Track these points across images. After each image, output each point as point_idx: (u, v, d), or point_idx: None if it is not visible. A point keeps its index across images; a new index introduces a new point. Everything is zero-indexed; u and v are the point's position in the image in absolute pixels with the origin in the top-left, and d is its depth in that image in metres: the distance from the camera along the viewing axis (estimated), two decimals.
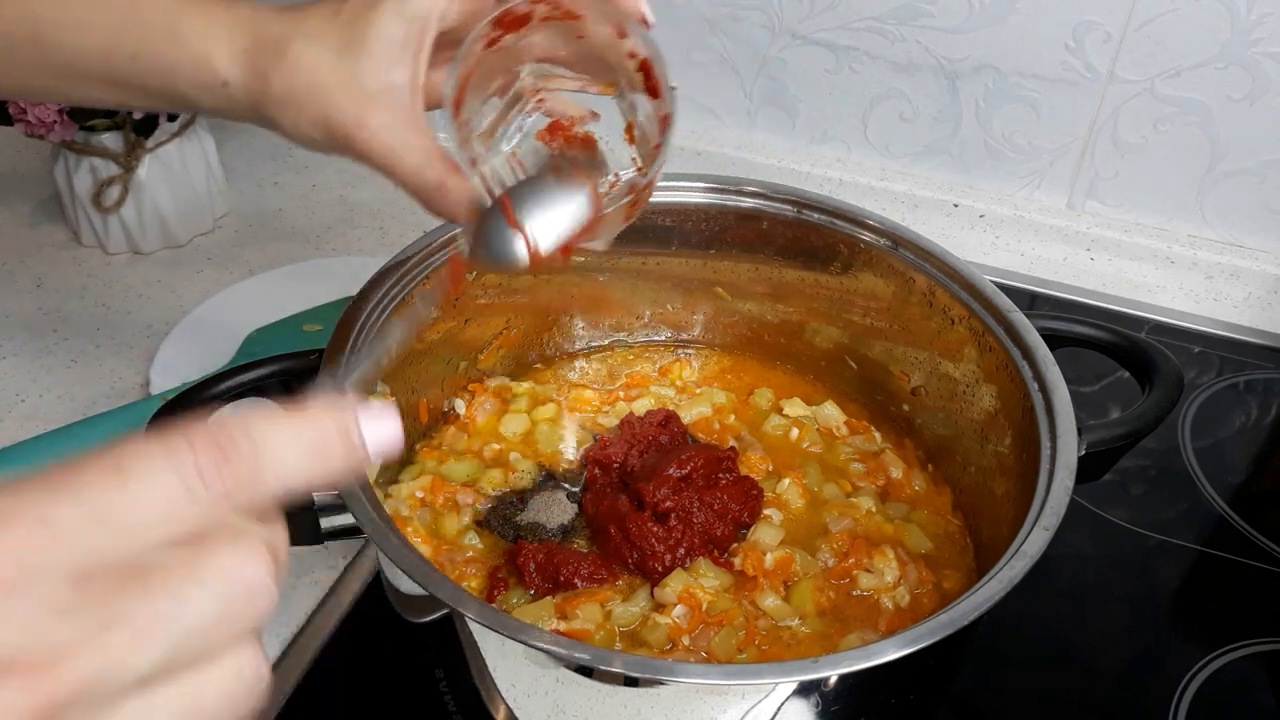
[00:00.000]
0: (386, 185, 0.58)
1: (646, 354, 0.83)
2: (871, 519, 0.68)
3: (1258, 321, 0.97)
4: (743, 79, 1.07)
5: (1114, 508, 0.77)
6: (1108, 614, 0.71)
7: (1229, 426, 0.86)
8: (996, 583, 0.50)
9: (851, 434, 0.76)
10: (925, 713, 0.63)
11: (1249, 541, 0.76)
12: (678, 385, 0.80)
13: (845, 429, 0.76)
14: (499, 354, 0.78)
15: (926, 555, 0.67)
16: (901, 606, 0.63)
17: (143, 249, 0.99)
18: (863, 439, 0.76)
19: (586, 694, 0.49)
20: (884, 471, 0.72)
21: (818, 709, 0.50)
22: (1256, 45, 0.89)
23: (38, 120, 0.85)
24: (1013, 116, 1.00)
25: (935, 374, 0.72)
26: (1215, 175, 0.97)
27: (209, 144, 1.00)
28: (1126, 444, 0.62)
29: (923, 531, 0.68)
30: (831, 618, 0.63)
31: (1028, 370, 0.63)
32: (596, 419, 0.76)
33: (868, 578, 0.64)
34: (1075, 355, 0.69)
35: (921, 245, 0.71)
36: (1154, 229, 1.01)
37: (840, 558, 0.65)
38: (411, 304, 0.65)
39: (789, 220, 0.75)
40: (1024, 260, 1.03)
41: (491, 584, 0.63)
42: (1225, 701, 0.65)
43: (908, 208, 1.05)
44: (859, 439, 0.75)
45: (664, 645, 0.60)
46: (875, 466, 0.73)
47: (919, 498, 0.71)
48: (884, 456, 0.74)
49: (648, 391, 0.79)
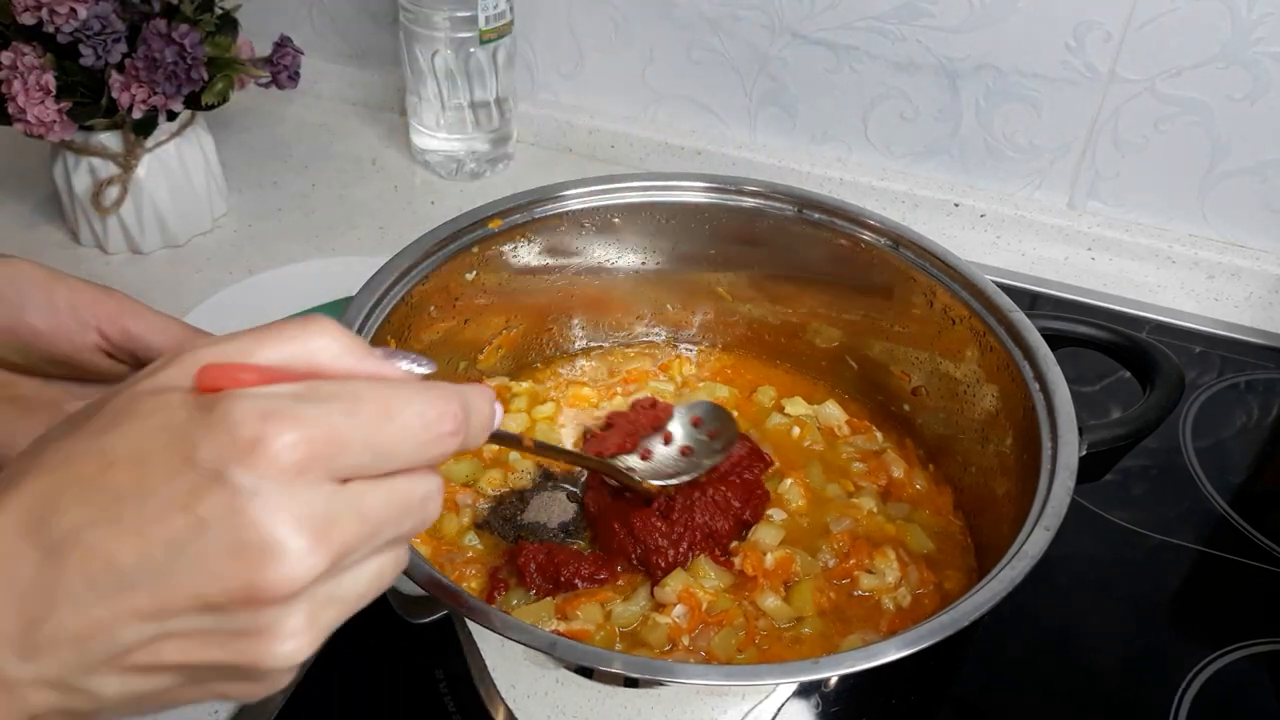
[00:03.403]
0: (386, 185, 0.58)
1: (647, 353, 0.83)
2: (873, 519, 0.68)
3: (1259, 321, 0.97)
4: (743, 79, 1.07)
5: (1115, 508, 0.77)
6: (1108, 614, 0.71)
7: (1230, 426, 0.86)
8: (997, 583, 0.50)
9: (853, 433, 0.76)
10: (926, 713, 0.63)
11: (1250, 542, 0.76)
12: (677, 381, 0.80)
13: (847, 428, 0.76)
14: (499, 354, 0.78)
15: (928, 556, 0.67)
16: (903, 607, 0.63)
17: (142, 249, 0.99)
18: (864, 438, 0.75)
19: (586, 694, 0.49)
20: (885, 471, 0.72)
21: (818, 710, 0.50)
22: (1257, 45, 0.89)
23: (37, 120, 0.85)
24: (1013, 116, 1.00)
25: (936, 374, 0.72)
26: (1216, 175, 0.97)
27: (208, 143, 1.00)
28: (1127, 444, 0.62)
29: (924, 532, 0.68)
30: (832, 618, 0.63)
31: (1029, 370, 0.63)
32: (595, 414, 0.76)
33: (869, 578, 0.64)
34: (1076, 355, 0.69)
35: (922, 245, 0.71)
36: (1155, 228, 1.01)
37: (841, 558, 0.65)
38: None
39: (789, 220, 0.75)
40: (1025, 260, 1.03)
41: (492, 584, 0.63)
42: (1226, 702, 0.65)
43: (908, 207, 1.05)
44: (860, 438, 0.75)
45: (664, 645, 0.60)
46: (877, 466, 0.73)
47: (920, 497, 0.71)
48: (885, 456, 0.73)
49: (646, 387, 0.79)
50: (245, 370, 0.33)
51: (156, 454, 0.32)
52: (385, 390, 0.34)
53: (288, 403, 0.32)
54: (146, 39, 0.85)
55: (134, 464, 0.32)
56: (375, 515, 0.34)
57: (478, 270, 0.72)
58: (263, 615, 0.32)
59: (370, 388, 0.34)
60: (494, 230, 0.72)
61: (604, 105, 1.15)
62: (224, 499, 0.31)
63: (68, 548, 0.31)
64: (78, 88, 0.87)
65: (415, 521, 0.36)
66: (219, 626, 0.32)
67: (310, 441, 0.32)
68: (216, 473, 0.31)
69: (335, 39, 1.21)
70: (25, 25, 0.83)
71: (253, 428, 0.31)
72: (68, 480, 0.32)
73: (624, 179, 0.76)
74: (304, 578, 0.32)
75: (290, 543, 0.31)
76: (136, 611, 0.31)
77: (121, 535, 0.31)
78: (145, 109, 0.88)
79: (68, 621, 0.31)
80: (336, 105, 1.23)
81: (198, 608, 0.32)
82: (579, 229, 0.75)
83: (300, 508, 0.32)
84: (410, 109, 1.10)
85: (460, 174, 1.10)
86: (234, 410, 0.31)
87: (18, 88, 0.84)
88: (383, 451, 0.34)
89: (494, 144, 1.10)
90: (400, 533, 0.35)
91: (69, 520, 0.31)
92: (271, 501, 0.31)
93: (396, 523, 0.35)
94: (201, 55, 0.87)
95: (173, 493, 0.31)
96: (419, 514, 0.36)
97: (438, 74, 1.03)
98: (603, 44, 1.10)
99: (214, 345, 0.34)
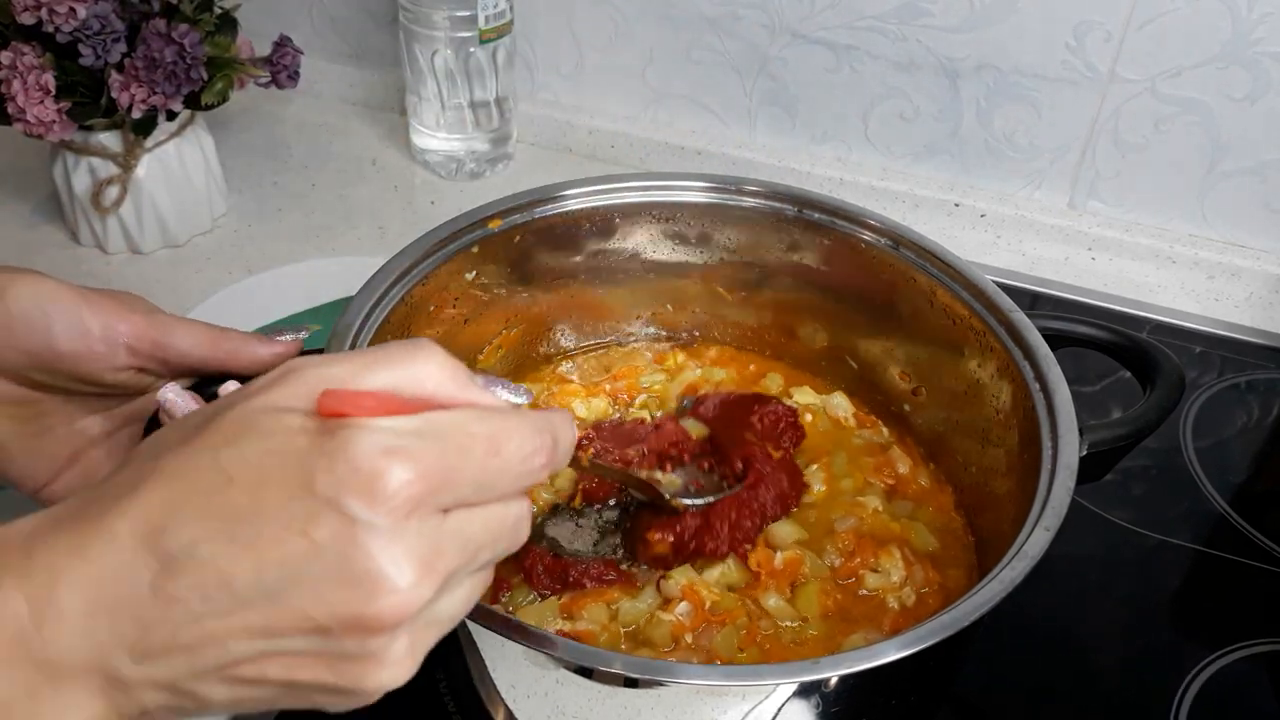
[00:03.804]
0: (386, 185, 0.58)
1: (647, 351, 0.83)
2: (878, 518, 0.68)
3: (1259, 321, 0.97)
4: (743, 78, 1.07)
5: (1115, 508, 0.77)
6: (1109, 614, 0.71)
7: (1230, 427, 0.86)
8: (997, 584, 0.50)
9: (860, 426, 0.76)
10: (926, 713, 0.63)
11: (1250, 542, 0.76)
12: (670, 369, 0.80)
13: (854, 420, 0.76)
14: (499, 354, 0.78)
15: (932, 554, 0.67)
16: (907, 606, 0.63)
17: (142, 249, 0.99)
18: (871, 432, 0.76)
19: (586, 695, 0.49)
20: (892, 467, 0.72)
21: (818, 710, 0.50)
22: (1257, 45, 0.89)
23: (36, 120, 0.85)
24: (1013, 116, 1.00)
25: (936, 374, 0.72)
26: (1216, 175, 0.97)
27: (208, 143, 1.00)
28: (1128, 444, 0.61)
29: (928, 529, 0.68)
30: (836, 619, 0.63)
31: (1029, 370, 0.63)
32: (580, 407, 0.76)
33: (874, 578, 0.64)
34: (1076, 355, 0.69)
35: (922, 245, 0.70)
36: (1155, 228, 1.01)
37: (847, 557, 0.65)
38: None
39: (789, 220, 0.75)
40: (1025, 260, 1.03)
41: (496, 584, 0.63)
42: (1227, 702, 0.65)
43: (908, 207, 1.05)
44: (868, 431, 0.76)
45: (667, 644, 0.60)
46: (883, 461, 0.73)
47: (923, 494, 0.71)
48: (891, 451, 0.74)
49: (639, 385, 0.78)
50: (365, 397, 0.34)
51: (276, 476, 0.33)
52: (492, 425, 0.36)
53: (407, 439, 0.33)
54: (146, 39, 0.85)
55: (253, 484, 0.33)
56: (475, 542, 0.36)
57: (478, 270, 0.72)
58: (370, 643, 0.33)
59: (479, 421, 0.36)
60: (494, 230, 0.72)
61: (604, 105, 1.14)
62: (340, 528, 0.32)
63: (185, 561, 0.32)
64: (77, 87, 0.87)
65: (508, 544, 0.38)
66: (325, 649, 0.33)
67: (425, 478, 0.33)
68: (334, 501, 0.32)
69: (335, 39, 1.21)
70: (25, 25, 0.83)
71: (372, 462, 0.32)
72: (188, 493, 0.33)
73: (624, 179, 0.76)
74: (411, 609, 0.33)
75: (401, 576, 0.33)
76: (247, 628, 0.33)
77: (238, 554, 0.32)
78: (145, 109, 0.88)
79: (181, 632, 0.33)
80: (336, 105, 1.23)
81: (307, 630, 0.33)
82: (579, 229, 0.75)
83: (411, 541, 0.33)
84: (410, 109, 1.10)
85: (460, 174, 1.10)
86: (356, 442, 0.33)
87: (17, 87, 0.84)
88: (486, 484, 0.36)
89: (494, 144, 1.10)
90: (494, 556, 0.37)
91: (188, 534, 0.33)
92: (385, 535, 0.32)
93: (492, 547, 0.37)
94: (201, 55, 0.87)
95: (290, 517, 0.32)
96: (511, 537, 0.38)
97: (438, 74, 1.03)
98: (603, 44, 1.10)
99: (327, 366, 0.35)
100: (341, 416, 0.34)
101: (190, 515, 0.33)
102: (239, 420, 0.34)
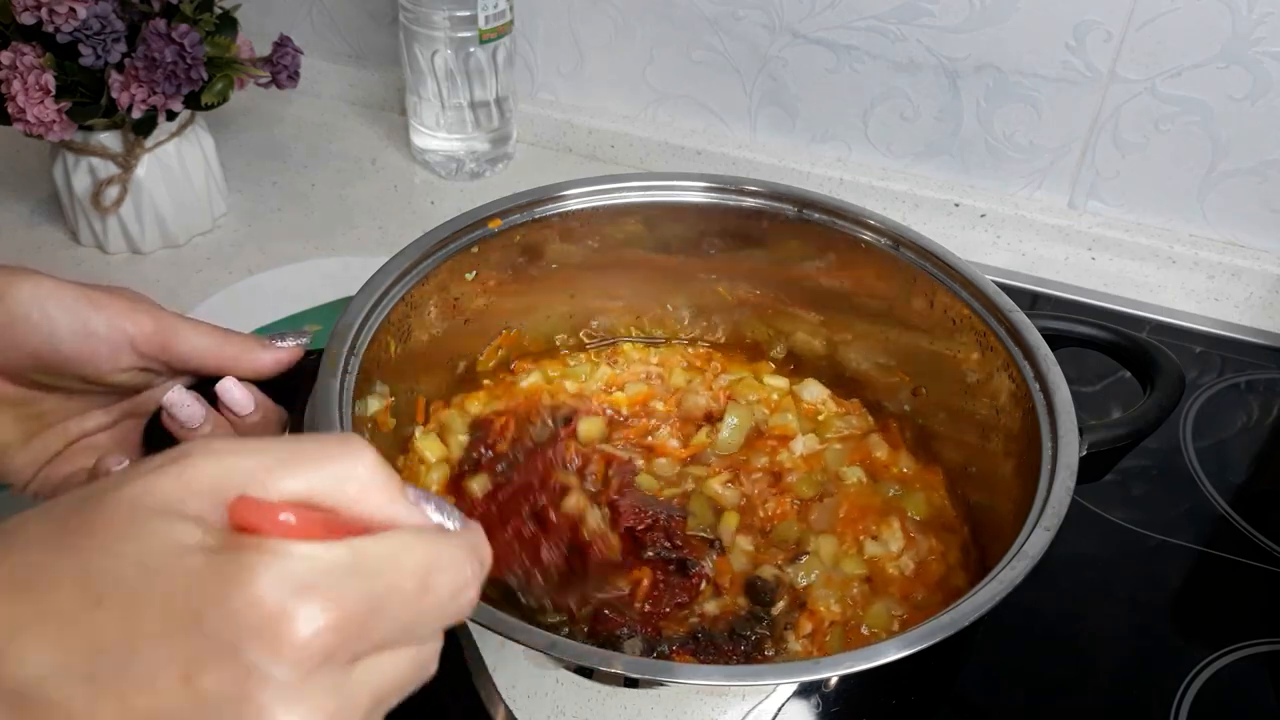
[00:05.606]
0: (386, 185, 0.58)
1: (646, 351, 0.83)
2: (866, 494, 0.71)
3: (1259, 321, 0.97)
4: (743, 78, 1.07)
5: (1115, 508, 0.77)
6: (1109, 614, 0.71)
7: (1230, 427, 0.86)
8: (997, 584, 0.50)
9: (837, 416, 0.77)
10: (926, 713, 0.63)
11: (1250, 542, 0.76)
12: (666, 370, 0.80)
13: (832, 404, 0.77)
14: (499, 354, 0.78)
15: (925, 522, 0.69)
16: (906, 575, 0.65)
17: (142, 249, 0.99)
18: (856, 419, 0.77)
19: (586, 694, 0.49)
20: (870, 456, 0.74)
21: (818, 710, 0.50)
22: (1258, 45, 0.89)
23: (36, 120, 0.85)
24: (1014, 116, 1.00)
25: (936, 374, 0.72)
26: (1216, 175, 0.97)
27: (208, 143, 1.00)
28: (1128, 444, 0.62)
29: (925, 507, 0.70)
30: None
31: (1029, 370, 0.63)
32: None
33: (873, 545, 0.66)
34: (1077, 355, 0.68)
35: (922, 245, 0.70)
36: (1155, 228, 1.01)
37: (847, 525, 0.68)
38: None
39: (789, 220, 0.75)
40: (1025, 260, 1.03)
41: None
42: (1227, 702, 0.65)
43: (909, 207, 1.05)
44: (852, 418, 0.77)
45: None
46: (862, 453, 0.74)
47: (909, 478, 0.72)
48: (870, 440, 0.75)
49: (636, 380, 0.78)
50: (285, 512, 0.29)
51: (158, 601, 0.27)
52: (424, 555, 0.31)
53: (328, 575, 0.28)
54: (146, 39, 0.85)
55: (127, 607, 0.27)
56: (383, 693, 0.31)
57: (478, 270, 0.72)
58: None
59: (409, 550, 0.31)
60: (494, 230, 0.72)
61: (604, 105, 1.15)
62: (232, 677, 0.26)
63: (31, 703, 0.26)
64: (77, 87, 0.87)
65: (413, 689, 0.33)
66: None
67: (343, 626, 0.28)
68: (229, 644, 0.26)
69: (335, 39, 1.21)
70: (25, 25, 0.83)
71: (282, 601, 0.27)
72: (40, 610, 0.27)
73: (624, 179, 0.75)
74: None
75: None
76: None
77: (97, 698, 0.26)
78: (145, 109, 0.88)
79: None
80: (336, 105, 1.23)
81: None
82: (579, 229, 0.75)
83: (316, 700, 0.28)
84: (410, 109, 1.10)
85: (460, 174, 1.10)
86: (264, 572, 0.27)
87: (17, 87, 0.84)
88: (411, 627, 0.31)
89: (494, 144, 1.10)
90: (402, 696, 0.33)
91: (33, 665, 0.26)
92: (287, 691, 0.27)
93: (398, 695, 0.32)
94: (201, 55, 0.87)
95: (169, 657, 0.26)
96: (419, 681, 0.33)
97: (437, 74, 1.03)
98: (603, 44, 1.10)
99: (236, 456, 0.30)
100: (252, 532, 0.28)
101: (41, 640, 0.26)
102: (120, 518, 0.28)
